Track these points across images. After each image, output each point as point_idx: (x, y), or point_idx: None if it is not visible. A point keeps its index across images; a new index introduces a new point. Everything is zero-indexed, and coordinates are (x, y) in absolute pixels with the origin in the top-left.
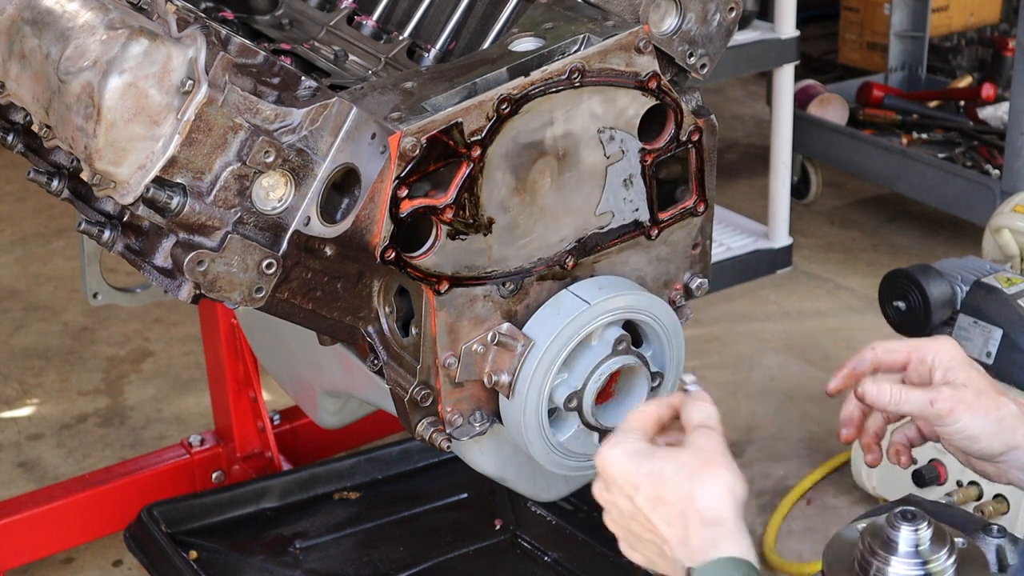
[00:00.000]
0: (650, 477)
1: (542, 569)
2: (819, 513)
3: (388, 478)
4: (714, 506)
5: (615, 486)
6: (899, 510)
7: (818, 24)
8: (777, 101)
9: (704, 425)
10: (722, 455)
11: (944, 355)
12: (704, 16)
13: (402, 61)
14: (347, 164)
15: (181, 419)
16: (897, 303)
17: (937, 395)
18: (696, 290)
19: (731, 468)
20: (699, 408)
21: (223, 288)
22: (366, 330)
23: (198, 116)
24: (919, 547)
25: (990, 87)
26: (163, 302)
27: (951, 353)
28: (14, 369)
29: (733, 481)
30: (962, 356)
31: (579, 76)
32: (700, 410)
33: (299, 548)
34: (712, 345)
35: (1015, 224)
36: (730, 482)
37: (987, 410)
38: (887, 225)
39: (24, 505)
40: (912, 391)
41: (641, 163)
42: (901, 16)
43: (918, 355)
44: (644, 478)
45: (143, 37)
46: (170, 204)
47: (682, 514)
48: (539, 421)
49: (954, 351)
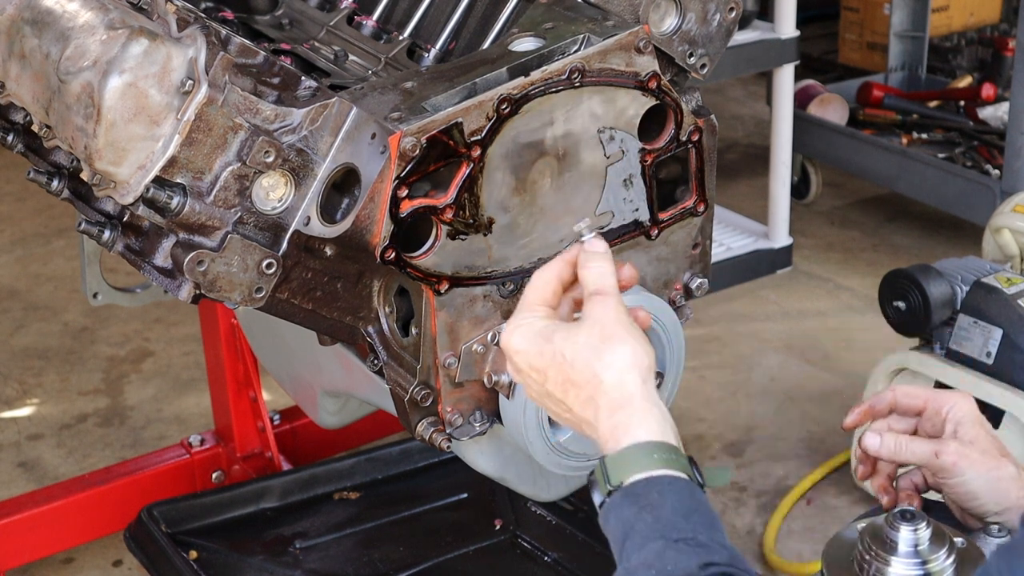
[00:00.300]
0: (554, 362)
1: (542, 569)
2: (819, 513)
3: (388, 478)
4: (618, 384)
5: (523, 373)
6: (898, 510)
7: (818, 24)
8: (777, 101)
9: (597, 292)
10: (617, 324)
11: (959, 410)
12: (704, 16)
13: (402, 61)
14: (347, 164)
15: (181, 419)
16: (897, 303)
17: (943, 448)
18: (696, 290)
19: (629, 338)
20: (592, 270)
21: (223, 288)
22: (366, 330)
23: (198, 116)
24: (918, 547)
25: (990, 87)
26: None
27: (965, 409)
28: (14, 369)
29: (633, 353)
30: (976, 414)
31: (579, 76)
32: (593, 272)
33: (299, 548)
34: (712, 345)
35: (1015, 224)
36: (630, 356)
37: (988, 469)
38: (887, 225)
39: (24, 505)
40: (917, 442)
41: (641, 163)
42: (901, 16)
43: (935, 405)
44: (549, 363)
45: (143, 37)
46: (170, 204)
47: (590, 398)
48: (539, 421)
49: (969, 407)
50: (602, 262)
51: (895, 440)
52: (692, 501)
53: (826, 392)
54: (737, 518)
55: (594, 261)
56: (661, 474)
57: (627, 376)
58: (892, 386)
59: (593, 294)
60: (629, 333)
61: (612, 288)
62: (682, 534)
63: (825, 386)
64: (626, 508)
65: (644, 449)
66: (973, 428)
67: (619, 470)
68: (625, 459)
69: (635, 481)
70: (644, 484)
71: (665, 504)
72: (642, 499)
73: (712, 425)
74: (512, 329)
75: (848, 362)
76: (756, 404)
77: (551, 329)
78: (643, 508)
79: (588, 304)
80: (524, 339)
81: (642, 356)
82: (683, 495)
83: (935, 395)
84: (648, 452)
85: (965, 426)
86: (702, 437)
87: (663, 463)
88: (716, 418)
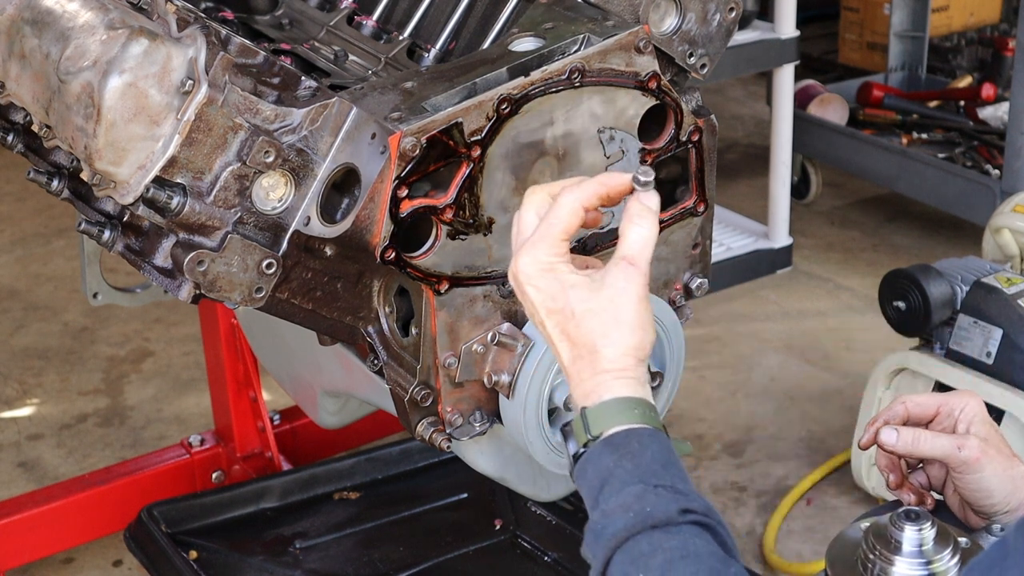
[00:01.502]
0: (562, 313)
1: (542, 569)
2: (819, 513)
3: (388, 478)
4: (614, 360)
5: (527, 300)
6: (903, 510)
7: (818, 24)
8: (777, 101)
9: (630, 260)
10: (635, 308)
11: (969, 409)
12: (704, 16)
13: (402, 61)
14: (347, 164)
15: (181, 419)
16: (897, 303)
17: (965, 442)
18: (696, 290)
19: (639, 327)
20: (635, 231)
21: (223, 288)
22: (366, 330)
23: (198, 116)
24: (923, 547)
25: (990, 87)
26: (163, 302)
27: (975, 408)
28: (14, 369)
29: (639, 343)
30: (985, 414)
31: (579, 76)
32: (635, 233)
33: (299, 548)
34: (712, 345)
35: (1015, 224)
36: (635, 345)
37: (1004, 467)
38: (887, 225)
39: (24, 505)
40: (940, 436)
41: (641, 163)
42: (901, 16)
43: (947, 408)
44: (557, 311)
45: (143, 37)
46: (170, 204)
47: (580, 358)
48: (539, 421)
49: (979, 407)
50: (650, 227)
51: (913, 434)
52: (670, 455)
53: (826, 392)
54: (737, 518)
55: (644, 221)
56: (641, 427)
57: (626, 358)
58: (902, 398)
59: (624, 258)
60: (640, 320)
61: (646, 261)
62: (661, 481)
63: (825, 386)
64: (606, 456)
65: (626, 403)
66: (985, 426)
67: (600, 421)
68: (607, 411)
69: (616, 432)
70: (624, 435)
71: (645, 453)
72: (622, 448)
73: (712, 425)
74: (531, 260)
75: (848, 362)
76: (756, 404)
77: (571, 282)
78: (623, 456)
79: (615, 267)
80: (543, 279)
81: (645, 346)
82: (663, 447)
83: (945, 398)
84: (630, 406)
85: (977, 424)
86: (702, 437)
87: (643, 419)
88: (716, 418)
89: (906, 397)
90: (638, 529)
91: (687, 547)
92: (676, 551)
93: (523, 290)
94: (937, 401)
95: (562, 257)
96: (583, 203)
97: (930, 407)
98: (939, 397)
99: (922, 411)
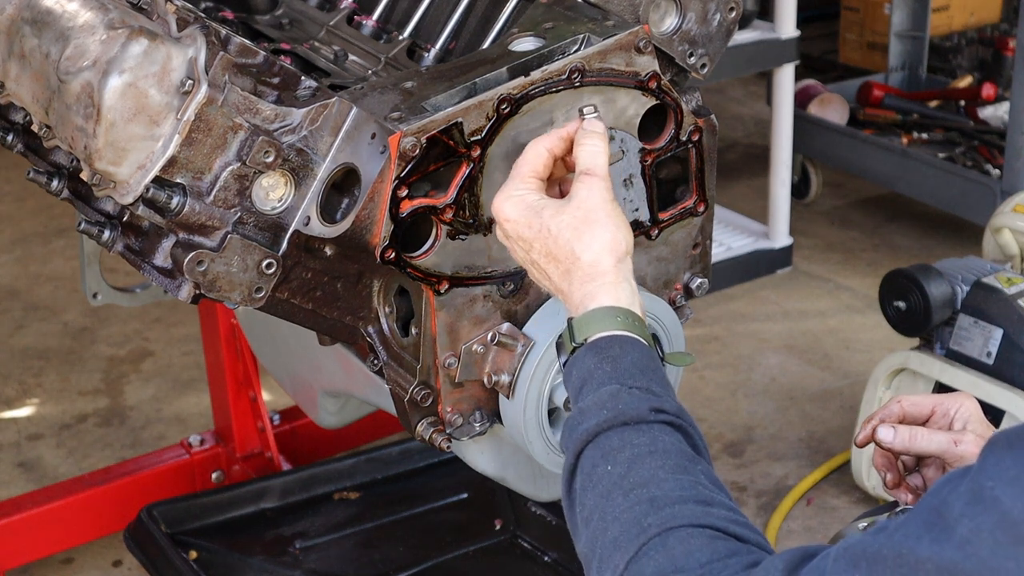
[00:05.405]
0: (540, 235)
1: (542, 569)
2: (819, 513)
3: (388, 478)
4: (594, 263)
5: (511, 239)
6: (900, 508)
7: (818, 24)
8: (777, 101)
9: (587, 172)
10: (601, 209)
11: (965, 410)
12: (704, 16)
13: (402, 61)
14: (347, 164)
15: (181, 419)
16: (897, 303)
17: (962, 437)
18: (696, 290)
19: (610, 223)
20: (586, 147)
21: (223, 288)
22: (366, 330)
23: (198, 116)
24: None
25: (990, 87)
26: (163, 302)
27: (971, 408)
28: (14, 369)
29: (612, 238)
30: (981, 414)
31: (579, 76)
32: (586, 150)
33: (299, 548)
34: (712, 345)
35: (1015, 224)
36: (609, 240)
37: None
38: (887, 225)
39: (24, 505)
40: (937, 432)
41: (641, 163)
42: (901, 16)
43: (942, 408)
44: (536, 235)
45: (143, 37)
46: (170, 204)
47: (567, 271)
48: (539, 421)
49: (975, 407)
50: (597, 141)
51: (910, 431)
52: (651, 362)
53: (826, 392)
54: None
55: (590, 139)
56: (624, 334)
57: (603, 257)
58: (897, 398)
59: (583, 173)
60: (610, 217)
61: (602, 169)
62: (637, 383)
63: (825, 386)
64: (588, 359)
65: (610, 312)
66: (981, 425)
67: (584, 329)
68: (591, 319)
69: (599, 337)
70: (607, 340)
71: (625, 357)
72: (604, 352)
73: (712, 425)
74: (504, 198)
75: (848, 362)
76: (756, 404)
77: (541, 204)
78: (603, 359)
79: (577, 182)
80: (515, 210)
81: (620, 241)
82: (643, 354)
83: (941, 399)
84: (613, 315)
85: (974, 423)
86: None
87: (626, 326)
88: (716, 418)
89: (902, 397)
90: (609, 425)
91: (655, 443)
92: (644, 447)
93: (504, 230)
94: (932, 401)
95: (531, 189)
96: (546, 146)
97: (925, 407)
98: (934, 397)
99: (918, 411)
